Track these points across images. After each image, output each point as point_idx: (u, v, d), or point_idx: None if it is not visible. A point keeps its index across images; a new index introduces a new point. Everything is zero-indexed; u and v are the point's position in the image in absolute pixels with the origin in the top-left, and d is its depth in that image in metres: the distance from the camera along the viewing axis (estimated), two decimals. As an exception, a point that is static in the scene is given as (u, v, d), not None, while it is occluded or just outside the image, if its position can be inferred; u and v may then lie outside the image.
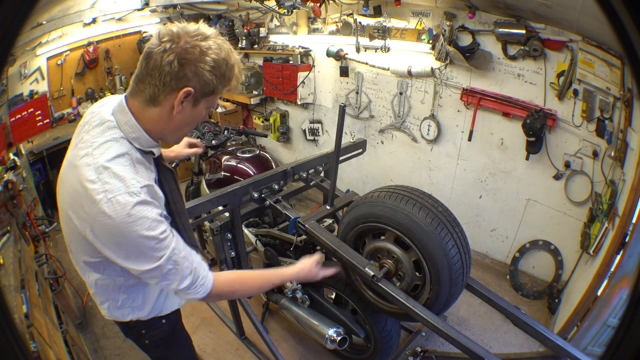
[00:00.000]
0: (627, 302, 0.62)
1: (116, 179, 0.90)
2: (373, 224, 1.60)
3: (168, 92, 0.93)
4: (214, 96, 1.00)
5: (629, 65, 0.60)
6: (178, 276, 0.98)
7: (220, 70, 0.95)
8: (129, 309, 1.20)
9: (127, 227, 0.89)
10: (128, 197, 0.89)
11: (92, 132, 0.98)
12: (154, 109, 0.96)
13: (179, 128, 1.03)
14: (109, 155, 0.92)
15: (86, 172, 0.90)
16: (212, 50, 0.93)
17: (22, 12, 0.59)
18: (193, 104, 0.97)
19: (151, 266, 0.94)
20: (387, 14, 3.12)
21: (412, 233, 1.47)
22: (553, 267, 2.79)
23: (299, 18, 3.81)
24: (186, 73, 0.91)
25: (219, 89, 0.98)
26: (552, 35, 2.43)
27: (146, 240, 0.91)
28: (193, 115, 1.01)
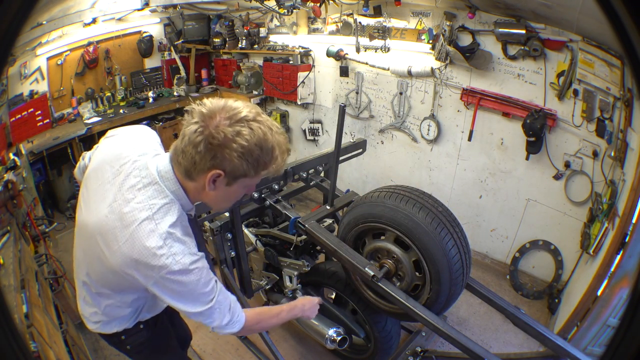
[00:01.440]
0: (627, 302, 0.62)
1: (179, 242, 0.98)
2: (373, 224, 1.60)
3: (199, 171, 0.95)
4: (249, 179, 0.98)
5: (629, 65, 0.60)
6: (221, 315, 1.09)
7: (252, 156, 0.92)
8: (116, 322, 1.27)
9: (190, 281, 0.99)
10: (190, 257, 0.99)
11: (147, 192, 0.99)
12: (191, 183, 1.00)
13: (217, 203, 1.08)
14: (170, 221, 0.99)
15: (151, 239, 0.95)
16: (242, 136, 0.90)
17: (22, 12, 0.59)
18: (227, 184, 0.98)
19: (203, 309, 1.05)
20: (387, 14, 3.12)
21: (412, 233, 1.47)
22: (553, 267, 2.79)
23: (299, 18, 3.81)
24: (214, 156, 0.92)
25: (253, 174, 0.96)
26: (552, 35, 2.43)
27: (204, 288, 1.03)
28: (229, 194, 1.02)
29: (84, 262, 1.16)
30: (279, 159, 0.98)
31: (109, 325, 1.27)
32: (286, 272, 2.15)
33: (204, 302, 1.05)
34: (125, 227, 0.96)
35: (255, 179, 1.00)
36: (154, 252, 0.95)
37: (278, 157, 0.97)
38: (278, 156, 0.97)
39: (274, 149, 0.96)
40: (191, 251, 1.00)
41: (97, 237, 1.01)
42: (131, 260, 0.96)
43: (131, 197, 0.98)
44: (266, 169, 0.97)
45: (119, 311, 1.24)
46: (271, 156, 0.96)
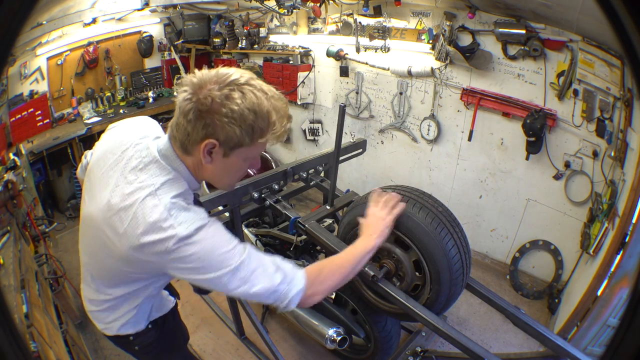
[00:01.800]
0: (627, 302, 0.62)
1: (185, 210, 0.92)
2: None
3: (193, 142, 0.92)
4: (246, 148, 0.92)
5: (629, 65, 0.60)
6: (267, 275, 0.97)
7: (245, 122, 0.87)
8: (129, 324, 1.23)
9: (206, 243, 0.91)
10: (200, 221, 0.92)
11: (149, 170, 0.96)
12: (189, 157, 0.97)
13: (218, 178, 1.02)
14: (173, 193, 0.94)
15: (155, 213, 0.90)
16: (232, 99, 0.86)
17: (22, 12, 0.59)
18: (224, 155, 0.93)
19: (237, 272, 0.93)
20: (387, 14, 3.12)
21: (412, 233, 1.47)
22: (553, 267, 2.79)
23: (299, 18, 3.81)
24: (205, 125, 0.88)
25: (248, 142, 0.91)
26: (552, 35, 2.43)
27: (225, 246, 0.94)
28: (228, 166, 0.97)
29: (91, 260, 1.13)
30: (277, 125, 0.91)
31: (124, 327, 1.22)
32: (286, 272, 2.15)
33: (233, 260, 0.93)
34: (128, 207, 0.92)
35: (253, 149, 0.94)
36: (159, 226, 0.89)
37: (276, 123, 0.91)
38: (276, 121, 0.91)
39: (270, 114, 0.89)
40: (200, 216, 0.93)
41: (103, 227, 0.97)
42: (138, 240, 0.91)
43: (133, 178, 0.95)
44: (263, 137, 0.91)
45: (130, 312, 1.19)
46: (267, 122, 0.90)
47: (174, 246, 0.89)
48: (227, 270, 0.93)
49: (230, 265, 0.93)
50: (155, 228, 0.89)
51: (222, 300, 2.63)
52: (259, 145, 0.93)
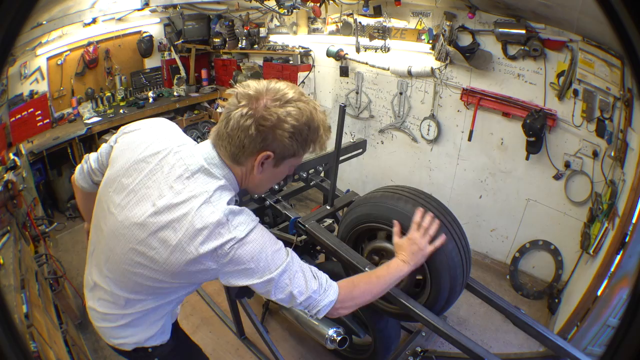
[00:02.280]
0: (627, 302, 0.62)
1: (240, 214, 0.96)
2: (373, 224, 1.60)
3: (248, 154, 0.95)
4: (296, 158, 1.00)
5: (629, 65, 0.60)
6: (305, 279, 1.02)
7: (301, 136, 0.94)
8: (153, 338, 1.20)
9: (261, 241, 0.96)
10: (253, 222, 0.97)
11: (197, 179, 0.96)
12: (238, 167, 0.99)
13: (261, 185, 1.07)
14: (226, 198, 0.97)
15: (213, 219, 0.92)
16: (292, 116, 0.92)
17: (22, 12, 0.59)
18: (274, 165, 0.99)
19: (282, 269, 0.98)
20: (387, 14, 3.12)
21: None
22: (553, 267, 2.79)
23: (299, 18, 3.81)
24: (265, 138, 0.92)
25: (301, 152, 0.99)
26: (552, 35, 2.43)
27: (274, 245, 0.99)
28: (275, 174, 1.03)
29: (117, 275, 1.05)
30: (324, 136, 1.00)
31: (147, 341, 1.20)
32: (286, 272, 2.14)
33: (280, 261, 0.98)
34: (181, 218, 0.91)
35: (300, 158, 1.02)
36: (219, 232, 0.91)
37: (322, 135, 1.00)
38: (323, 134, 1.00)
39: (319, 127, 0.98)
40: (251, 218, 0.98)
41: (147, 241, 0.94)
42: (197, 251, 0.91)
43: (181, 187, 0.94)
44: (312, 147, 1.00)
45: (154, 324, 1.17)
46: (317, 134, 0.98)
47: (230, 249, 0.92)
48: (277, 271, 0.97)
49: (279, 266, 0.98)
50: (215, 234, 0.92)
51: (222, 300, 2.63)
52: (305, 154, 1.02)
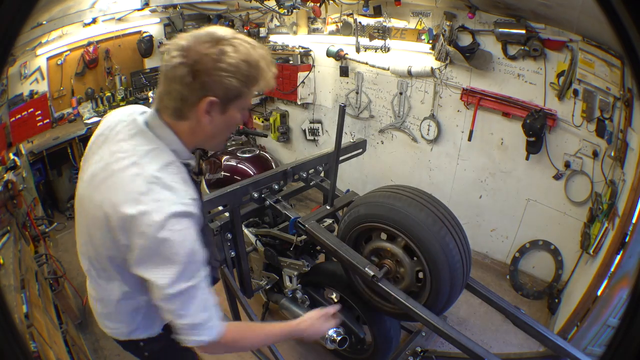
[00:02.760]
0: (627, 302, 0.62)
1: (167, 189, 0.89)
2: (373, 224, 1.60)
3: (190, 105, 0.91)
4: (243, 99, 0.94)
5: (629, 65, 0.60)
6: (198, 307, 0.93)
7: (241, 73, 0.89)
8: (141, 330, 1.17)
9: (174, 238, 0.87)
10: (180, 206, 0.89)
11: (133, 140, 0.95)
12: (184, 123, 0.95)
13: (214, 136, 1.01)
14: (158, 165, 0.92)
15: (135, 182, 0.88)
16: (226, 54, 0.87)
17: (22, 12, 0.59)
18: (221, 112, 0.93)
19: (184, 284, 0.90)
20: (387, 14, 3.12)
21: (412, 233, 1.47)
22: (553, 267, 2.79)
23: (299, 18, 3.81)
24: (203, 83, 0.88)
25: (246, 91, 0.93)
26: (552, 35, 2.43)
27: (191, 256, 0.90)
28: (225, 121, 0.96)
29: (86, 246, 1.06)
30: (267, 70, 0.94)
31: (135, 333, 1.16)
32: (286, 272, 2.15)
33: (187, 275, 0.89)
34: (110, 175, 0.91)
35: (248, 99, 0.96)
36: (135, 197, 0.87)
37: (265, 69, 0.93)
38: (265, 68, 0.93)
39: (259, 61, 0.92)
40: (182, 200, 0.90)
41: (86, 201, 0.97)
42: (115, 210, 0.88)
43: (116, 149, 0.95)
44: (256, 84, 0.93)
45: (136, 315, 1.12)
46: (258, 69, 0.92)
47: (143, 226, 0.86)
48: (183, 284, 0.90)
49: (190, 279, 0.90)
50: (132, 199, 0.87)
51: (222, 300, 2.63)
52: (252, 93, 0.95)
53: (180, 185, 0.93)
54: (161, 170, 0.91)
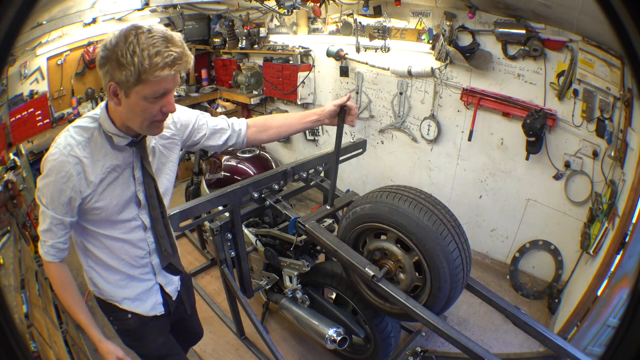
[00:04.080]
0: (627, 302, 0.62)
1: (64, 137, 1.10)
2: (373, 224, 1.60)
3: (106, 89, 1.05)
4: (141, 87, 1.00)
5: (629, 65, 0.60)
6: (42, 219, 1.15)
7: (115, 57, 0.97)
8: (89, 280, 1.35)
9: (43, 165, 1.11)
10: (55, 149, 1.09)
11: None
12: (110, 103, 1.11)
13: (128, 118, 1.10)
14: (77, 123, 1.14)
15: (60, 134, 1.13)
16: (128, 43, 0.96)
17: (22, 12, 0.59)
18: (125, 96, 1.03)
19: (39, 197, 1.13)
20: (387, 14, 3.12)
21: (412, 233, 1.47)
22: (553, 267, 2.79)
23: (299, 18, 3.81)
24: (107, 71, 1.01)
25: (134, 76, 0.98)
26: (552, 35, 2.43)
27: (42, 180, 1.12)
28: (132, 105, 1.05)
29: None
30: (158, 58, 0.97)
31: (97, 290, 1.35)
32: (286, 272, 2.15)
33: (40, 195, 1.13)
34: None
35: (147, 87, 1.01)
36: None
37: (154, 57, 0.96)
38: (153, 55, 0.96)
39: (134, 46, 0.96)
40: (60, 148, 1.08)
41: None
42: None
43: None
44: (142, 66, 0.97)
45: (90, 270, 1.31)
46: (136, 52, 0.96)
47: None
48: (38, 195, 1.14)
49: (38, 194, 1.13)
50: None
51: (222, 300, 2.63)
52: (152, 82, 1.00)
53: (75, 141, 1.10)
54: (75, 127, 1.13)
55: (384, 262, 1.63)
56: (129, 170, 1.21)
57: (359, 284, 1.82)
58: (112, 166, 1.16)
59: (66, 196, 1.11)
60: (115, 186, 1.18)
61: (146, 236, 1.30)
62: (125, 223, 1.24)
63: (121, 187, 1.19)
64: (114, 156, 1.16)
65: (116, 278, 1.31)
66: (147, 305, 1.39)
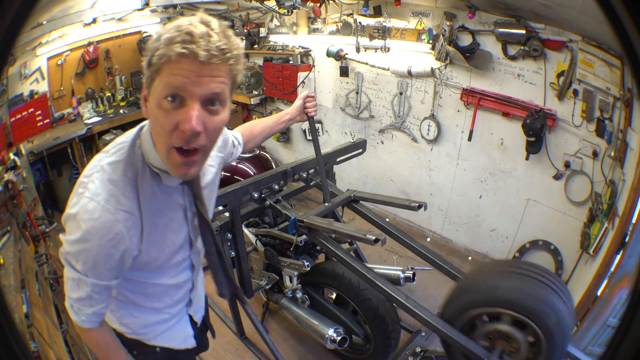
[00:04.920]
0: (627, 302, 0.62)
1: (99, 181, 0.82)
2: (494, 309, 1.35)
3: None
4: (159, 78, 0.75)
5: (629, 65, 0.60)
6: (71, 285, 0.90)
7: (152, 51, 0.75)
8: (114, 319, 1.12)
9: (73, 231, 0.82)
10: (93, 204, 0.80)
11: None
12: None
13: (153, 135, 0.84)
14: (116, 158, 0.84)
15: (91, 163, 0.85)
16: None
17: (22, 12, 0.59)
18: (147, 101, 0.81)
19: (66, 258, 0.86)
20: (387, 14, 3.12)
21: (540, 319, 1.26)
22: (553, 267, 2.79)
23: (299, 18, 3.81)
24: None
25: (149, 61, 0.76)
26: (552, 35, 2.43)
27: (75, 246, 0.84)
28: (150, 116, 0.81)
29: None
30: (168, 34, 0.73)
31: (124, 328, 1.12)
32: (286, 272, 2.15)
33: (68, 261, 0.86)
34: None
35: (161, 79, 0.74)
36: (84, 174, 0.85)
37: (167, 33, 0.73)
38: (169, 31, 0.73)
39: (162, 36, 0.74)
40: (102, 200, 0.80)
41: None
42: None
43: None
44: (155, 50, 0.74)
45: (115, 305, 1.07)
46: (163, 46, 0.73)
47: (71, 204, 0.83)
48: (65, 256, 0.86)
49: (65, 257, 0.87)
50: (83, 175, 0.85)
51: (222, 300, 2.63)
52: (163, 70, 0.73)
53: (119, 189, 0.83)
54: (115, 164, 0.84)
55: (498, 343, 1.37)
56: (181, 211, 0.98)
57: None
58: (163, 211, 0.92)
59: (115, 260, 0.86)
60: (167, 233, 0.96)
61: (193, 275, 1.13)
62: (174, 267, 1.04)
63: (175, 233, 0.98)
64: (164, 199, 0.92)
65: (153, 319, 1.13)
66: (178, 338, 1.23)
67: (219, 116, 0.79)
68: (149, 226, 0.89)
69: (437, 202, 3.38)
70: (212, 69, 0.73)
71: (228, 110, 0.82)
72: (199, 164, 0.83)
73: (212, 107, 0.77)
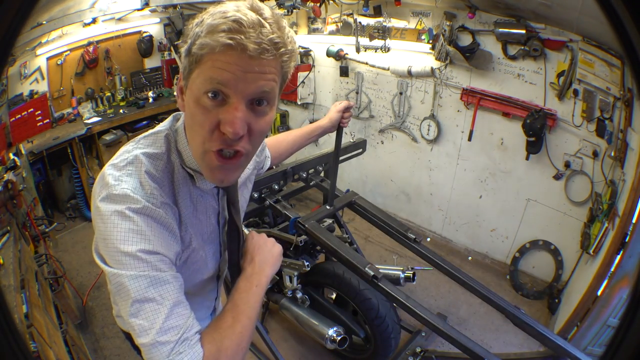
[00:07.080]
0: (627, 302, 0.62)
1: (137, 175, 0.70)
2: None
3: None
4: (198, 70, 0.66)
5: (629, 65, 0.60)
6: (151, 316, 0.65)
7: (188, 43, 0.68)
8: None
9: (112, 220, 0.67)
10: (136, 197, 0.67)
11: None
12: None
13: (188, 132, 0.74)
14: (153, 150, 0.73)
15: (121, 155, 0.72)
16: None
17: (22, 12, 0.59)
18: (184, 94, 0.72)
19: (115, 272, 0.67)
20: (387, 14, 3.12)
21: None
22: (553, 267, 2.79)
23: (299, 18, 3.81)
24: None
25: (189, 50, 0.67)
26: (552, 35, 2.43)
27: (122, 244, 0.66)
28: (187, 109, 0.71)
29: None
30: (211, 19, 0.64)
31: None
32: (286, 272, 2.15)
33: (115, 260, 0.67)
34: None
35: (201, 71, 0.65)
36: (112, 163, 0.71)
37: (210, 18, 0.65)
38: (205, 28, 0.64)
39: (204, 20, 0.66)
40: (143, 195, 0.67)
41: None
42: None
43: None
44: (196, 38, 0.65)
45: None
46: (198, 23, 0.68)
47: (99, 197, 0.68)
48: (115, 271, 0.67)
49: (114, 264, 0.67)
50: (109, 165, 0.71)
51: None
52: (205, 61, 0.64)
53: (156, 183, 0.71)
54: (153, 157, 0.73)
55: None
56: (215, 217, 0.87)
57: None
58: (197, 215, 0.82)
59: (174, 234, 0.73)
60: (204, 238, 0.86)
61: (218, 285, 1.04)
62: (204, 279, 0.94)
63: (210, 240, 0.89)
64: (198, 201, 0.81)
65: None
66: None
67: (266, 117, 0.69)
68: (185, 227, 0.79)
69: (437, 202, 3.39)
70: (262, 64, 0.63)
71: (274, 111, 0.72)
72: (239, 169, 0.73)
73: (258, 107, 0.67)
